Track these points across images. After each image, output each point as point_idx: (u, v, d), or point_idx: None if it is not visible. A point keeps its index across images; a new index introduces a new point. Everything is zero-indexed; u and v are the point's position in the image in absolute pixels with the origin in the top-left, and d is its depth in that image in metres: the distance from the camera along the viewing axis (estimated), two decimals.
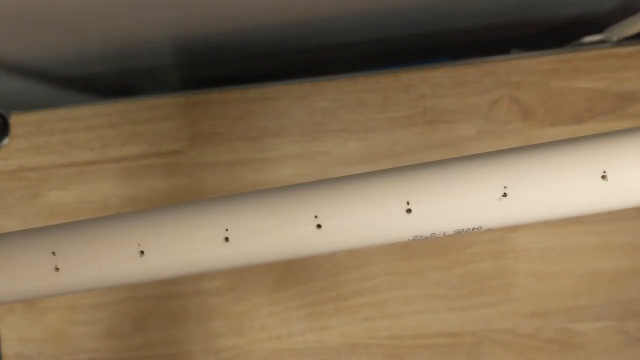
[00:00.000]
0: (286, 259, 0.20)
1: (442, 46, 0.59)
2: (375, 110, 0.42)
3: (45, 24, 0.40)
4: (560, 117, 0.42)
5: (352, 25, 0.50)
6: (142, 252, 0.20)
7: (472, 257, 0.42)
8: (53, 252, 0.20)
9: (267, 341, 0.43)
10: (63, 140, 0.44)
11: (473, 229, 0.19)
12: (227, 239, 0.19)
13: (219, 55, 0.55)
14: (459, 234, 0.20)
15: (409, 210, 0.19)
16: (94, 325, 0.44)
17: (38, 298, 0.21)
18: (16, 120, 0.44)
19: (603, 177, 0.19)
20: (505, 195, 0.19)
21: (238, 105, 0.43)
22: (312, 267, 0.43)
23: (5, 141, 0.44)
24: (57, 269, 0.20)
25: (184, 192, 0.43)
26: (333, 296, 0.43)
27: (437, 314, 0.43)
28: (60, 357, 0.44)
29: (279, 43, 0.53)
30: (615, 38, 0.42)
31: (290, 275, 0.43)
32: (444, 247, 0.42)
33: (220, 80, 0.51)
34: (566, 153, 0.19)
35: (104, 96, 0.64)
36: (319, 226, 0.19)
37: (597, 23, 0.46)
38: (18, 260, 0.20)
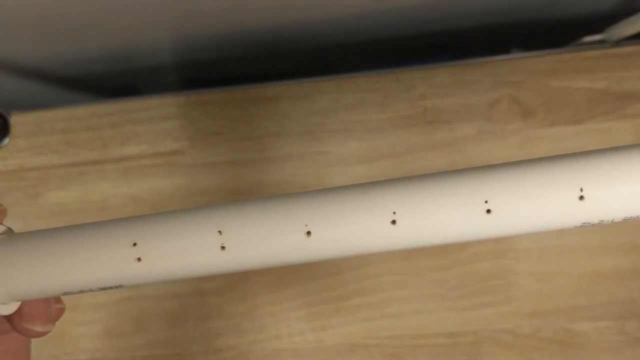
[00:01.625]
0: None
1: (442, 46, 0.59)
2: (375, 110, 0.42)
3: (45, 24, 0.40)
4: (560, 117, 0.42)
5: (352, 26, 0.50)
6: (309, 233, 0.20)
7: (472, 257, 0.42)
8: (219, 231, 0.20)
9: (267, 341, 0.43)
10: (63, 140, 0.44)
11: None
12: (394, 222, 0.20)
13: (219, 55, 0.55)
14: (626, 221, 0.20)
15: (581, 197, 0.19)
16: (94, 325, 0.44)
17: (201, 276, 0.21)
18: (16, 120, 0.44)
19: None
20: None
21: (238, 105, 0.43)
22: (312, 267, 0.43)
23: (5, 141, 0.44)
24: (222, 248, 0.20)
25: (184, 192, 0.43)
26: (333, 296, 0.43)
27: (437, 314, 0.43)
28: (60, 357, 0.44)
29: (279, 43, 0.53)
30: (615, 38, 0.42)
31: (290, 275, 0.43)
32: (443, 247, 0.42)
33: (220, 80, 0.51)
34: None
35: (104, 96, 0.64)
36: (488, 211, 0.20)
37: (597, 23, 0.46)
38: (184, 238, 0.20)
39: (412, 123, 0.42)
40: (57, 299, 0.26)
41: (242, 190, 0.43)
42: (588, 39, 0.43)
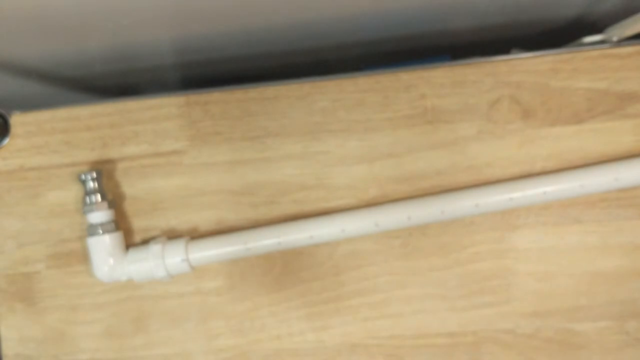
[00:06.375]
0: None
1: (442, 46, 0.59)
2: (375, 110, 0.42)
3: (45, 24, 0.40)
4: (560, 117, 0.42)
5: (352, 26, 0.50)
6: None
7: (472, 257, 0.42)
8: None
9: (267, 341, 0.43)
10: (63, 140, 0.44)
11: None
12: None
13: (219, 55, 0.55)
14: None
15: None
16: (94, 325, 0.44)
17: None
18: (16, 120, 0.44)
19: None
20: None
21: (238, 105, 0.43)
22: (312, 267, 0.43)
23: (6, 141, 0.44)
24: None
25: (184, 192, 0.43)
26: (333, 296, 0.43)
27: (437, 314, 0.43)
28: (60, 357, 0.44)
29: (280, 43, 0.53)
30: (615, 38, 0.42)
31: (290, 275, 0.43)
32: (444, 247, 0.42)
33: (220, 80, 0.51)
34: None
35: (104, 96, 0.64)
36: None
37: (597, 23, 0.46)
38: None
39: (412, 123, 0.42)
40: None
41: (242, 190, 0.43)
42: (588, 39, 0.43)
